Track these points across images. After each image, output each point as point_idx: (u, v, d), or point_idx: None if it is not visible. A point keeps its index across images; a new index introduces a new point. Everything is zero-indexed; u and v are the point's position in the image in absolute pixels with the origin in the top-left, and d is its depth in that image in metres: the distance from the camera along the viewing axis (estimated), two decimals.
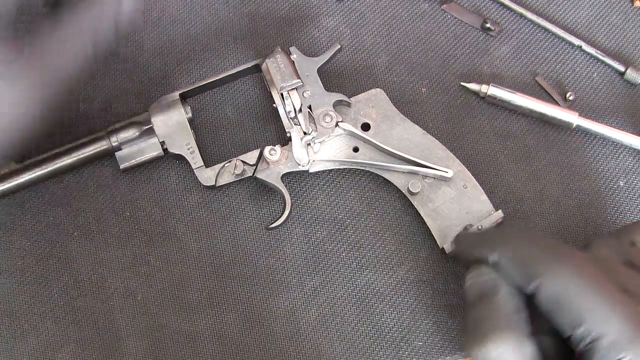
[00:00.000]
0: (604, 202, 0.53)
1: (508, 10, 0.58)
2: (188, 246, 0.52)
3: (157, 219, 0.53)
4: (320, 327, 0.50)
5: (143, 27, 0.47)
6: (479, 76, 0.56)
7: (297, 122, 0.51)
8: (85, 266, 0.52)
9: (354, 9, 0.58)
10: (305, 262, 0.51)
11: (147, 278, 0.51)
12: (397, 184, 0.51)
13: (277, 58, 0.51)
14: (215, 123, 0.55)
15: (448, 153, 0.51)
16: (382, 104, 0.52)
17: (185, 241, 0.52)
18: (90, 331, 0.50)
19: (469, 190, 0.50)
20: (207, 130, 0.55)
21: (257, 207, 0.53)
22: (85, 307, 0.51)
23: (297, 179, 0.53)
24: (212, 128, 0.55)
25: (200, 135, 0.54)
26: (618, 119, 0.55)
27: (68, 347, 0.50)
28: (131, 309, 0.51)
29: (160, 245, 0.52)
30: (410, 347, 0.49)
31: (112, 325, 0.50)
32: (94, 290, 0.51)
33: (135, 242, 0.52)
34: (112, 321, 0.51)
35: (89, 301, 0.51)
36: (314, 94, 0.51)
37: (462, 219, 0.49)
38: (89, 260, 0.52)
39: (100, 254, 0.52)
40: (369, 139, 0.51)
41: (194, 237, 0.52)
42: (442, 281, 0.51)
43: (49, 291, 0.51)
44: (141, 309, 0.51)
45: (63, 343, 0.50)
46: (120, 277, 0.52)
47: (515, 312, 0.41)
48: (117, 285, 0.51)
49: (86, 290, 0.51)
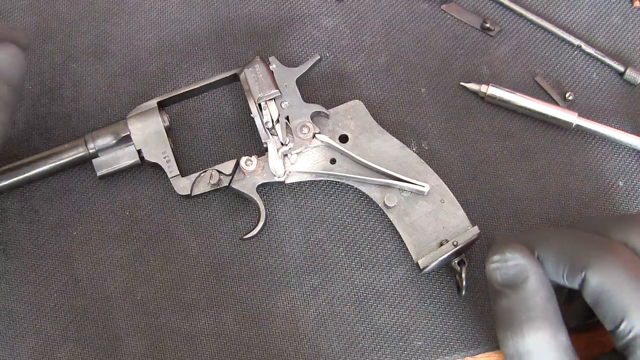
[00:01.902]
0: (603, 202, 0.53)
1: (507, 10, 0.58)
2: (187, 246, 0.52)
3: (156, 218, 0.53)
4: (319, 327, 0.50)
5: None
6: (479, 76, 0.56)
7: (274, 133, 0.51)
8: (84, 266, 0.52)
9: (353, 9, 0.58)
10: (304, 261, 0.52)
11: (147, 278, 0.51)
12: (374, 197, 0.51)
13: (256, 68, 0.51)
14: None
15: (426, 167, 0.50)
16: (360, 116, 0.52)
17: (184, 241, 0.52)
18: (89, 331, 0.50)
19: (445, 205, 0.50)
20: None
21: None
22: (84, 306, 0.51)
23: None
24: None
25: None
26: (617, 119, 0.55)
27: (67, 346, 0.50)
28: (130, 308, 0.51)
29: (159, 245, 0.52)
30: (410, 347, 0.49)
31: (112, 324, 0.51)
32: (93, 289, 0.51)
33: (134, 241, 0.52)
34: (112, 321, 0.51)
35: (89, 301, 0.51)
36: (292, 104, 0.51)
37: (438, 233, 0.49)
38: (89, 259, 0.52)
39: (99, 253, 0.52)
40: (346, 151, 0.50)
41: (193, 236, 0.52)
42: (441, 281, 0.51)
43: (49, 291, 0.51)
44: (140, 308, 0.51)
45: (62, 342, 0.50)
46: (120, 276, 0.52)
47: (548, 300, 0.40)
48: (116, 285, 0.51)
49: (85, 290, 0.51)
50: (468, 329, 0.50)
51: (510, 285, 0.41)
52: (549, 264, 0.41)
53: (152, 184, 0.53)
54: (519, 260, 0.41)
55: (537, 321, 0.40)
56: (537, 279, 0.41)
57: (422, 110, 0.55)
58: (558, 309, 0.41)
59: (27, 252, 0.52)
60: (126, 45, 0.57)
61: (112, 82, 0.56)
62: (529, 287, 0.41)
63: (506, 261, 0.42)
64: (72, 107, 0.55)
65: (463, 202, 0.50)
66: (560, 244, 0.41)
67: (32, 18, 0.58)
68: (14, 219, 0.53)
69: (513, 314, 0.41)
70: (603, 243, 0.40)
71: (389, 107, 0.55)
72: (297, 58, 0.56)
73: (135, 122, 0.51)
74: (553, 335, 0.39)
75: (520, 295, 0.41)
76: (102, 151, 0.51)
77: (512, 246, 0.42)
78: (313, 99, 0.55)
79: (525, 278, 0.41)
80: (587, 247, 0.40)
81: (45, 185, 0.53)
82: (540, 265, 0.41)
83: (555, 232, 0.43)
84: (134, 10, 0.58)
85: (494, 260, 0.42)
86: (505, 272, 0.42)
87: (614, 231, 0.41)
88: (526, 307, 0.40)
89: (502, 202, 0.53)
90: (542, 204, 0.53)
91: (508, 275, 0.42)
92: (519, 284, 0.41)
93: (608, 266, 0.39)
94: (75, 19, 0.58)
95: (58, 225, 0.53)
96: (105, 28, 0.58)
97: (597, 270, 0.39)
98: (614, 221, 0.42)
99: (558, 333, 0.40)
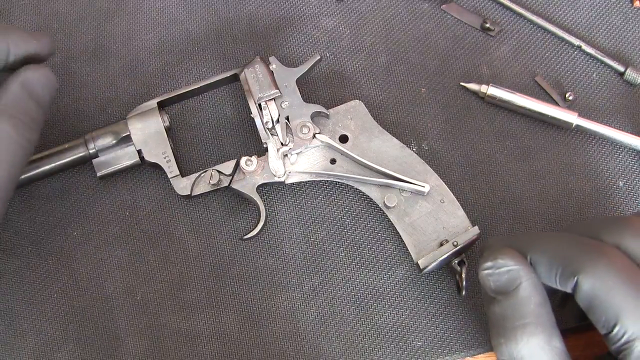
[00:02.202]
0: (603, 202, 0.53)
1: (508, 10, 0.58)
2: (187, 246, 0.52)
3: (156, 218, 0.53)
4: (319, 327, 0.50)
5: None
6: (479, 76, 0.56)
7: (274, 133, 0.51)
8: (84, 266, 0.52)
9: (353, 9, 0.58)
10: (304, 262, 0.52)
11: (147, 278, 0.51)
12: (374, 197, 0.51)
13: (256, 68, 0.51)
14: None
15: (426, 167, 0.50)
16: (360, 116, 0.52)
17: (184, 241, 0.52)
18: (89, 331, 0.50)
19: (446, 205, 0.50)
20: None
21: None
22: (84, 306, 0.51)
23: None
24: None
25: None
26: (617, 119, 0.55)
27: (67, 346, 0.50)
28: (130, 308, 0.51)
29: (159, 245, 0.52)
30: (410, 347, 0.49)
31: (112, 324, 0.51)
32: (93, 289, 0.51)
33: (134, 241, 0.52)
34: (112, 321, 0.51)
35: (89, 301, 0.51)
36: (292, 104, 0.51)
37: (438, 233, 0.49)
38: (89, 260, 0.52)
39: (99, 253, 0.52)
40: (346, 151, 0.51)
41: (193, 236, 0.52)
42: (441, 281, 0.51)
43: (49, 291, 0.51)
44: (140, 308, 0.51)
45: (62, 342, 0.50)
46: (120, 276, 0.52)
47: (541, 305, 0.40)
48: (116, 285, 0.51)
49: (85, 290, 0.51)
50: (468, 329, 0.50)
51: (503, 292, 0.41)
52: (541, 268, 0.41)
53: (152, 184, 0.53)
54: (511, 266, 0.41)
55: (530, 327, 0.40)
56: (529, 284, 0.41)
57: (422, 110, 0.55)
58: (552, 314, 0.41)
59: (27, 252, 0.52)
60: (126, 45, 0.57)
61: (112, 82, 0.56)
62: (522, 293, 0.41)
63: (498, 267, 0.42)
64: (72, 107, 0.55)
65: (463, 202, 0.50)
66: (553, 248, 0.41)
67: (32, 18, 0.58)
68: (14, 219, 0.53)
69: (506, 320, 0.41)
70: (595, 246, 0.40)
71: (389, 107, 0.55)
72: (297, 58, 0.56)
73: (135, 122, 0.51)
74: (547, 341, 0.39)
75: (513, 301, 0.41)
76: (102, 151, 0.51)
77: (504, 252, 0.42)
78: (313, 99, 0.55)
79: (517, 284, 0.41)
80: (580, 251, 0.40)
81: (45, 185, 0.53)
82: (533, 271, 0.41)
83: (548, 236, 0.43)
84: (134, 10, 0.58)
85: (486, 266, 0.42)
86: (497, 279, 0.42)
87: (607, 234, 0.41)
88: (519, 314, 0.40)
89: (502, 202, 0.53)
90: (542, 204, 0.53)
91: (500, 282, 0.42)
92: (512, 290, 0.41)
93: (600, 270, 0.39)
94: (75, 19, 0.58)
95: (58, 225, 0.53)
96: (105, 28, 0.58)
97: (589, 275, 0.39)
98: (606, 224, 0.42)
99: (552, 338, 0.40)
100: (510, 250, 0.42)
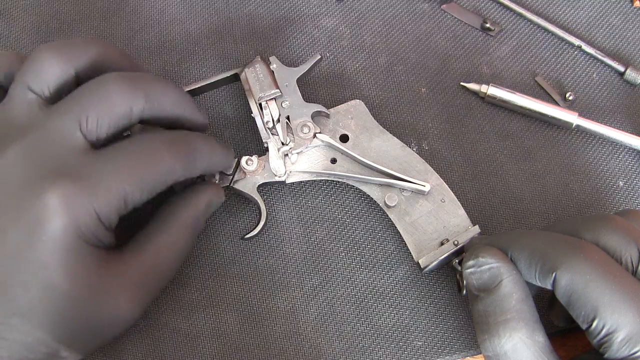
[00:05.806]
0: (603, 202, 0.53)
1: (508, 10, 0.58)
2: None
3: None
4: (319, 327, 0.50)
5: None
6: (479, 76, 0.56)
7: (275, 133, 0.51)
8: None
9: (354, 9, 0.58)
10: (304, 261, 0.51)
11: None
12: (374, 196, 0.51)
13: (257, 67, 0.51)
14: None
15: (427, 166, 0.51)
16: (361, 116, 0.52)
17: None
18: None
19: (446, 205, 0.50)
20: None
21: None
22: None
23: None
24: None
25: None
26: (618, 119, 0.55)
27: None
28: None
29: None
30: (410, 347, 0.49)
31: None
32: None
33: None
34: None
35: None
36: (292, 104, 0.51)
37: (439, 232, 0.49)
38: None
39: None
40: (347, 150, 0.51)
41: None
42: (441, 281, 0.51)
43: None
44: None
45: None
46: None
47: (522, 300, 0.41)
48: None
49: None
50: (468, 329, 0.50)
51: (486, 289, 0.42)
52: (521, 265, 0.42)
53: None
54: (492, 264, 0.42)
55: (512, 322, 0.40)
56: (510, 281, 0.41)
57: (422, 110, 0.55)
58: (534, 310, 0.41)
59: None
60: (126, 45, 0.57)
61: None
62: (503, 289, 0.41)
63: (480, 266, 0.43)
64: None
65: (463, 201, 0.50)
66: (532, 245, 0.42)
67: (32, 18, 0.58)
68: None
69: (489, 316, 0.41)
70: (573, 242, 0.41)
71: (389, 107, 0.55)
72: (297, 58, 0.56)
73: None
74: (529, 335, 0.40)
75: (495, 297, 0.41)
76: None
77: (485, 250, 0.43)
78: (313, 98, 0.55)
79: (499, 281, 0.42)
80: (558, 247, 0.40)
81: None
82: (514, 268, 0.42)
83: (528, 233, 0.44)
84: (134, 10, 0.58)
85: (469, 265, 0.43)
86: (479, 277, 0.43)
87: (586, 231, 0.42)
88: (501, 309, 0.41)
89: (502, 202, 0.53)
90: (542, 204, 0.53)
91: (483, 280, 0.42)
92: (493, 287, 0.42)
93: (577, 265, 0.39)
94: (75, 19, 0.58)
95: None
96: (105, 28, 0.58)
97: (567, 270, 0.39)
98: (585, 222, 0.43)
99: (534, 333, 0.40)
100: (491, 249, 0.43)
